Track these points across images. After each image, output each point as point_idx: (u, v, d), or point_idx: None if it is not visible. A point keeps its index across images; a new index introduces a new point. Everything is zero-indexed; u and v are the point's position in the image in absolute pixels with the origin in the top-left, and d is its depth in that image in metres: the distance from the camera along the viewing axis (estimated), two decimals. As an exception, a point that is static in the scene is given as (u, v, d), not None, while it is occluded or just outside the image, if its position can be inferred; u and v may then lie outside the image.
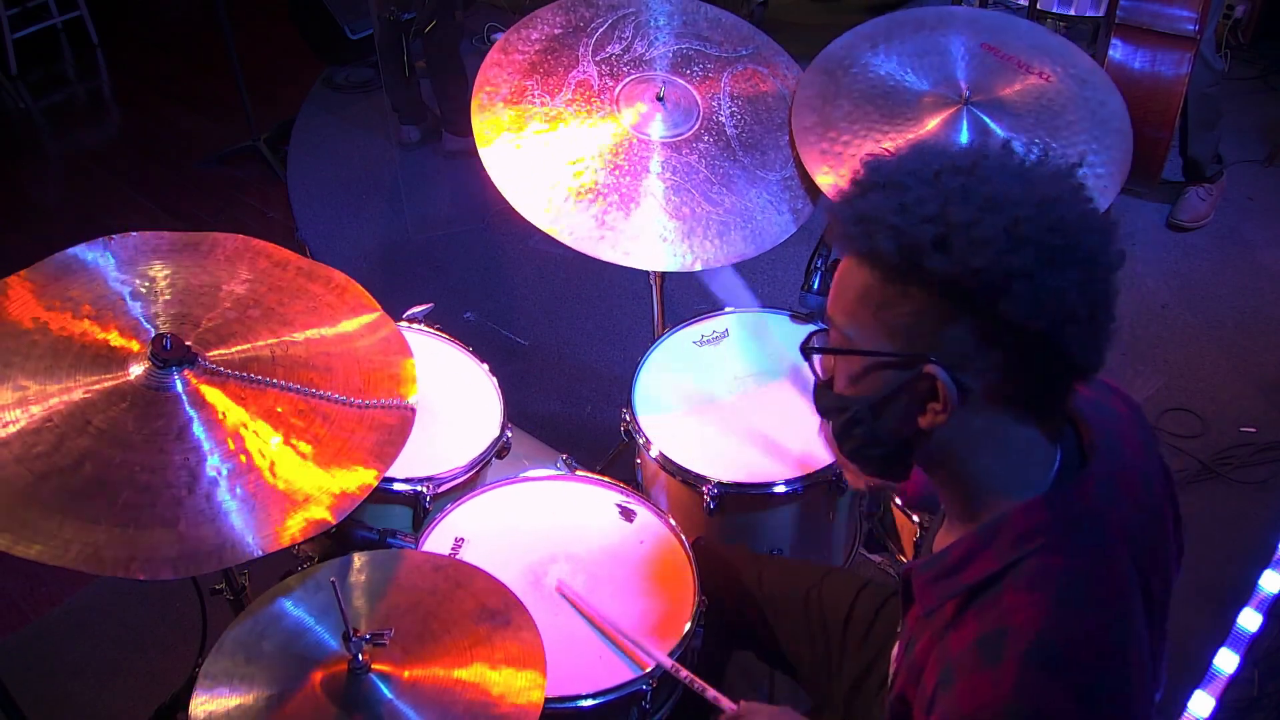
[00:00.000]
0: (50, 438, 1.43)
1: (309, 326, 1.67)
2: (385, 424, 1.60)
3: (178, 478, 1.43)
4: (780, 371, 2.10)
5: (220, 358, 1.57)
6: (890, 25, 2.19)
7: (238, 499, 1.43)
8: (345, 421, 1.57)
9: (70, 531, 1.36)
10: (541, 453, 2.21)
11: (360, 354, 1.67)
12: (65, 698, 2.41)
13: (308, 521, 1.44)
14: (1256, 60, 4.43)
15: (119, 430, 1.45)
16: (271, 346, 1.62)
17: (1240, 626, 2.41)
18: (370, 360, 1.67)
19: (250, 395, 1.54)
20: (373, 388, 1.64)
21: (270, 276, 1.72)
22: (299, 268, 1.76)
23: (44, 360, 1.51)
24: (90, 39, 5.01)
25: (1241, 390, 3.10)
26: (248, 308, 1.66)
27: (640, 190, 2.03)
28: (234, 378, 1.54)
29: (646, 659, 1.61)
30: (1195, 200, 3.64)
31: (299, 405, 1.55)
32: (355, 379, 1.63)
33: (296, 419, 1.54)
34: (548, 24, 2.20)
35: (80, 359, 1.53)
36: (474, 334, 3.25)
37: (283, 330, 1.65)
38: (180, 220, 3.89)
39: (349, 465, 1.52)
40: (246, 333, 1.63)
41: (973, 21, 2.19)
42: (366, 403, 1.60)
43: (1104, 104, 2.07)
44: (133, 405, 1.48)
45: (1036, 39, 2.16)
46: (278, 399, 1.55)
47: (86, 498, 1.39)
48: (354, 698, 1.39)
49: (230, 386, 1.53)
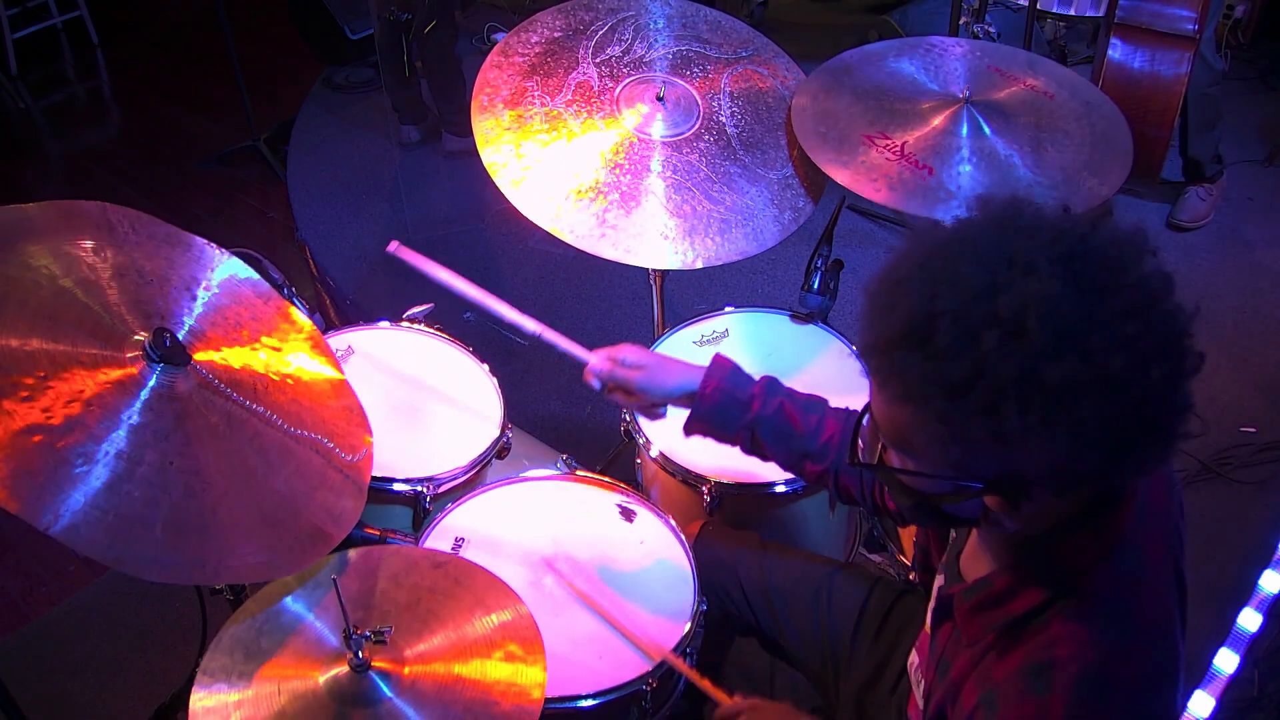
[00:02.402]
0: (46, 398, 1.36)
1: (283, 368, 1.67)
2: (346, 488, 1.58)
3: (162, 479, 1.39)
4: (780, 371, 2.10)
5: (205, 361, 1.54)
6: (903, 47, 2.22)
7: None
8: (315, 465, 1.56)
9: (49, 496, 1.29)
10: (541, 453, 2.21)
11: (326, 416, 1.67)
12: (65, 698, 2.41)
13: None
14: (1256, 60, 4.43)
15: (111, 414, 1.40)
16: (255, 377, 1.60)
17: (1240, 626, 2.41)
18: (334, 424, 1.67)
19: (236, 419, 1.51)
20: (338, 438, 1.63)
21: (251, 306, 1.71)
22: (277, 306, 1.74)
23: (45, 308, 1.44)
24: (90, 39, 5.01)
25: (1241, 390, 3.10)
26: (231, 329, 1.65)
27: (641, 189, 2.03)
28: (220, 392, 1.52)
29: (649, 646, 1.61)
30: (1195, 200, 3.64)
31: (279, 441, 1.54)
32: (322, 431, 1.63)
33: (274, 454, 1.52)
34: (547, 27, 2.20)
35: (81, 322, 1.46)
36: (474, 334, 3.23)
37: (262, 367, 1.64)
38: (180, 220, 3.88)
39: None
40: (242, 361, 1.62)
41: (983, 52, 2.22)
42: (346, 456, 1.59)
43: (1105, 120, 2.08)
44: (129, 393, 1.43)
45: (1041, 67, 2.19)
46: (261, 428, 1.53)
47: (70, 467, 1.33)
48: (354, 695, 1.39)
49: (221, 399, 1.51)
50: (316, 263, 3.62)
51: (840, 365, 2.10)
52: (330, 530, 1.54)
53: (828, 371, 2.10)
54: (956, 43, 2.26)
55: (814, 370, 2.10)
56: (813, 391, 1.62)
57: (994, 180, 1.94)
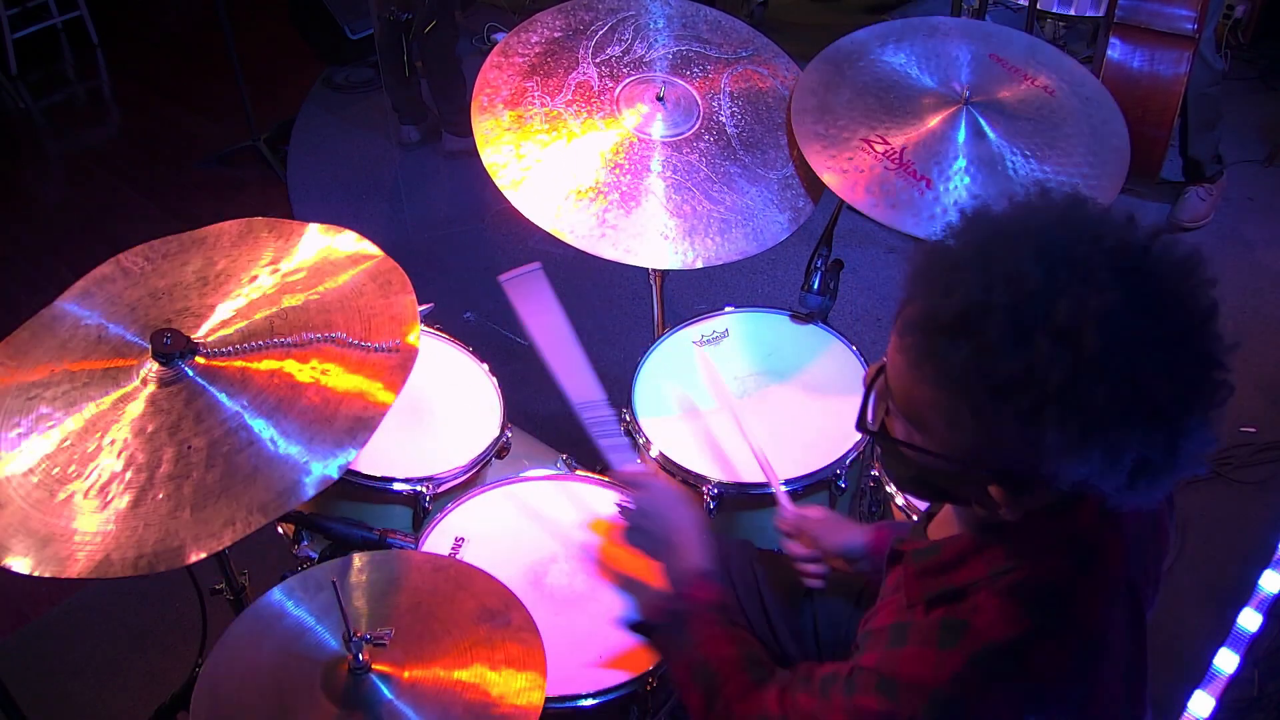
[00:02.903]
0: (67, 456, 1.48)
1: (306, 285, 1.69)
2: (387, 364, 1.59)
3: (207, 458, 1.45)
4: (780, 371, 2.10)
5: (219, 338, 1.59)
6: (905, 28, 2.20)
7: (295, 427, 1.46)
8: (352, 359, 1.58)
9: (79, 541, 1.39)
10: (541, 453, 2.21)
11: (362, 304, 1.67)
12: (65, 698, 2.41)
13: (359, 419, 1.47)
14: (1256, 60, 4.43)
15: (141, 433, 1.49)
16: (270, 316, 1.62)
17: (1240, 626, 2.41)
18: (371, 306, 1.67)
19: (259, 358, 1.56)
20: (375, 332, 1.64)
21: (270, 248, 1.75)
22: (299, 233, 1.78)
23: (61, 388, 1.56)
24: (90, 39, 5.00)
25: (1241, 390, 3.04)
26: (243, 285, 1.68)
27: (641, 189, 2.03)
28: (237, 352, 1.56)
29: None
30: (1195, 200, 3.64)
31: (305, 355, 1.57)
32: (356, 325, 1.63)
33: (307, 363, 1.56)
34: (547, 27, 2.20)
35: (92, 381, 1.56)
36: (474, 334, 3.24)
37: (282, 296, 1.67)
38: (180, 220, 3.88)
39: (370, 376, 1.54)
40: (244, 309, 1.65)
41: (986, 35, 2.21)
42: (372, 345, 1.60)
43: (1105, 123, 2.07)
44: (151, 406, 1.51)
45: (1043, 56, 2.17)
46: (286, 354, 1.57)
47: (128, 504, 1.43)
48: (354, 698, 1.39)
49: (238, 358, 1.56)
50: (316, 263, 3.62)
51: (840, 365, 2.10)
52: (372, 413, 1.55)
53: (828, 371, 2.10)
54: (958, 26, 2.24)
55: (814, 370, 2.10)
56: (812, 391, 1.62)
57: (993, 190, 1.94)
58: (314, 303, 1.64)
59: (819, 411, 2.01)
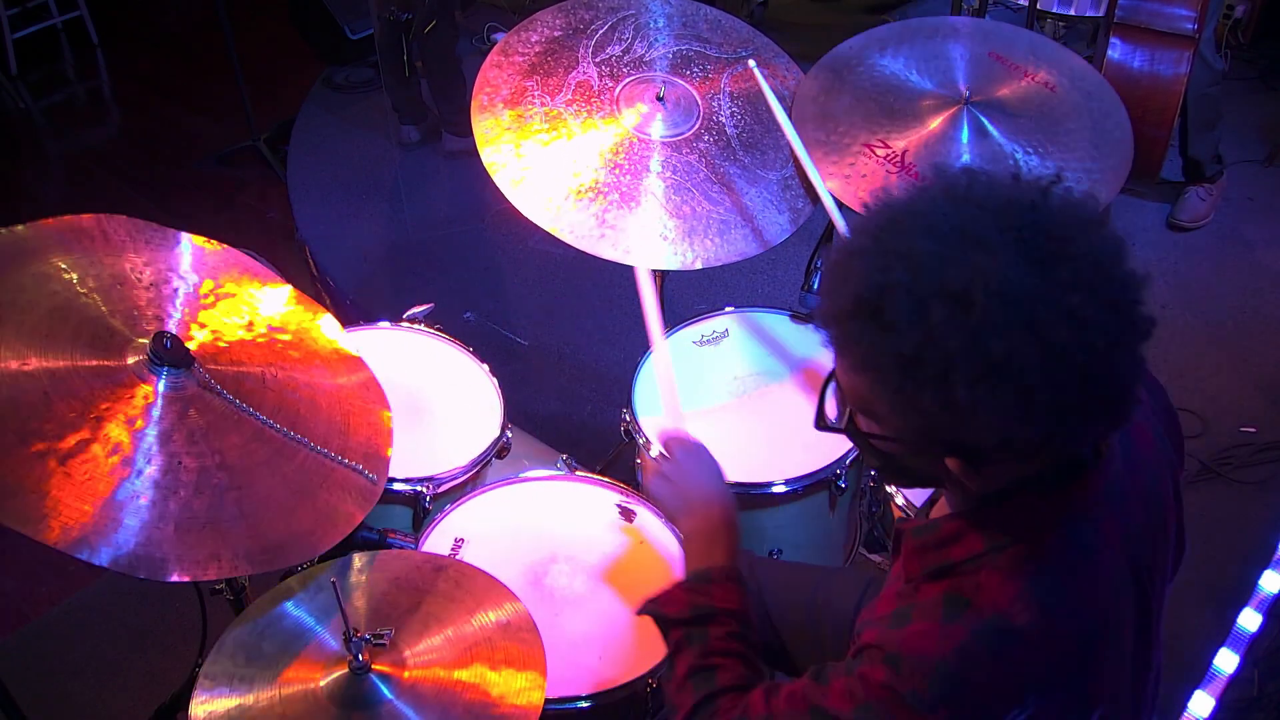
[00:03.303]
0: (46, 411, 1.40)
1: (292, 353, 1.68)
2: (352, 486, 1.59)
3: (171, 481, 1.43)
4: (780, 372, 2.11)
5: (215, 370, 1.56)
6: (904, 31, 2.20)
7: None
8: (319, 469, 1.57)
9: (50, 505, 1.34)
10: (541, 453, 2.21)
11: (344, 401, 1.68)
12: (65, 698, 2.41)
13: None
14: (1256, 60, 4.42)
15: (105, 414, 1.44)
16: (263, 369, 1.61)
17: (1240, 626, 2.41)
18: (351, 406, 1.68)
19: (232, 417, 1.53)
20: (350, 438, 1.64)
21: (250, 294, 1.73)
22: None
23: (42, 325, 1.47)
24: (90, 39, 5.00)
25: (1241, 390, 3.10)
26: (256, 334, 1.67)
27: (641, 189, 2.03)
28: (221, 396, 1.53)
29: None
30: (1195, 200, 3.64)
31: (277, 443, 1.55)
32: (336, 422, 1.64)
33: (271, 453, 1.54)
34: (547, 26, 2.20)
35: (79, 334, 1.49)
36: (474, 334, 3.24)
37: (270, 353, 1.66)
38: (180, 220, 3.88)
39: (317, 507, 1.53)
40: (245, 353, 1.63)
41: (985, 34, 2.21)
42: (341, 460, 1.59)
43: (1107, 116, 2.07)
44: (118, 390, 1.47)
45: (1045, 52, 2.17)
46: (259, 430, 1.54)
47: (74, 480, 1.37)
48: (354, 698, 1.39)
49: (214, 402, 1.52)
50: (316, 263, 3.62)
51: (840, 365, 2.10)
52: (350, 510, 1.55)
53: (827, 372, 2.09)
54: (959, 23, 2.24)
55: (814, 370, 2.10)
56: (812, 391, 1.62)
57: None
58: (302, 377, 1.65)
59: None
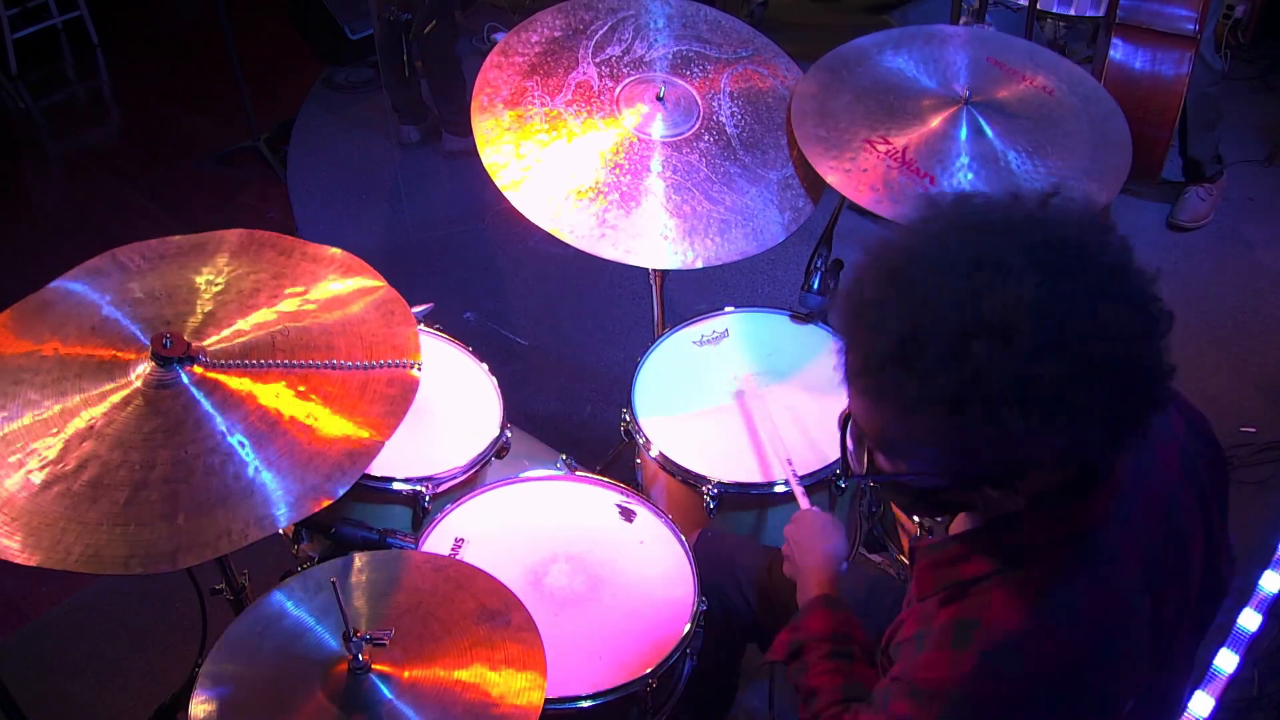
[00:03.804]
0: (58, 446, 1.47)
1: (309, 306, 1.69)
2: (387, 394, 1.60)
3: (182, 472, 1.45)
4: (780, 371, 2.10)
5: (220, 349, 1.59)
6: (902, 37, 2.21)
7: (272, 463, 1.47)
8: (351, 387, 1.59)
9: (72, 536, 1.40)
10: (541, 453, 2.21)
11: (364, 330, 1.69)
12: (65, 698, 2.41)
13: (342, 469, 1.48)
14: (1256, 60, 4.42)
15: (125, 433, 1.48)
16: (273, 332, 1.63)
17: (1240, 626, 2.41)
18: (374, 334, 1.68)
19: (257, 377, 1.57)
20: (377, 355, 1.65)
21: (273, 264, 1.75)
22: (303, 253, 1.78)
23: (52, 374, 1.55)
24: (90, 39, 5.00)
25: (1241, 390, 3.09)
26: (246, 297, 1.68)
27: (641, 189, 2.03)
28: (236, 366, 1.56)
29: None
30: (1195, 200, 3.64)
31: (304, 377, 1.58)
32: (358, 351, 1.64)
33: (304, 387, 1.57)
34: (548, 27, 2.20)
35: (84, 371, 1.56)
36: (474, 334, 3.24)
37: (285, 315, 1.67)
38: (180, 220, 3.89)
39: (360, 424, 1.55)
40: (246, 322, 1.65)
41: (983, 40, 2.22)
42: (370, 364, 1.61)
43: (1105, 119, 2.08)
44: (140, 407, 1.51)
45: (1042, 58, 2.18)
46: (283, 376, 1.57)
47: (90, 501, 1.42)
48: (354, 698, 1.39)
49: (235, 373, 1.56)
50: (316, 263, 3.62)
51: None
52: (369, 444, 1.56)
53: (828, 372, 2.08)
54: (955, 32, 2.25)
55: (814, 370, 2.10)
56: (812, 392, 1.63)
57: (996, 186, 1.94)
58: (316, 325, 1.65)
59: (819, 412, 2.01)
